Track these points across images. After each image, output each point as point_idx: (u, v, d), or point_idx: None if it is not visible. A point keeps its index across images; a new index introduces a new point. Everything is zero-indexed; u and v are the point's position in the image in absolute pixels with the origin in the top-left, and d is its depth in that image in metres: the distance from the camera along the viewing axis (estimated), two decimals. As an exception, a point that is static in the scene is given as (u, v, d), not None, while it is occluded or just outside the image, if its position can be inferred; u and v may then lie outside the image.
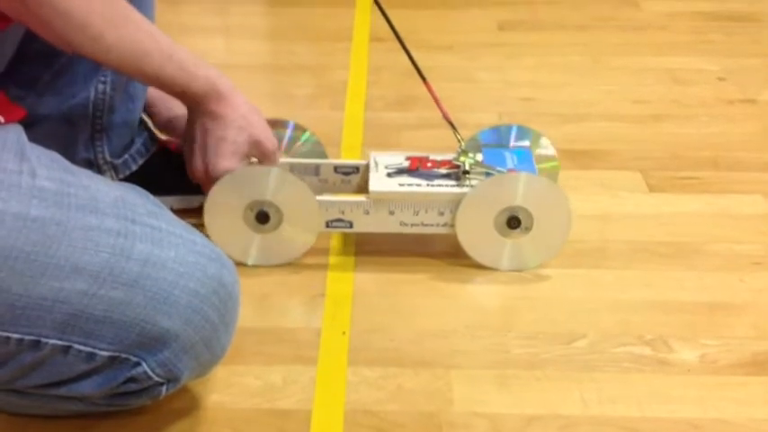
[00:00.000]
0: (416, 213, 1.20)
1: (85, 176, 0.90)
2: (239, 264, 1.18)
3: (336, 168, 1.28)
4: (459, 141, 1.23)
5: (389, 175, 1.22)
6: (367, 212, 1.20)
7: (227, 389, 1.02)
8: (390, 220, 1.20)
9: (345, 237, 1.30)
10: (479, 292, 1.21)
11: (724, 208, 1.40)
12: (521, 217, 1.19)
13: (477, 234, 1.21)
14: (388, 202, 1.20)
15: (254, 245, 1.21)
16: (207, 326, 0.87)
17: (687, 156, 1.56)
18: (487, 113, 1.70)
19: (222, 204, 1.18)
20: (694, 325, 1.13)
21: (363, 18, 2.19)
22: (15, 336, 0.83)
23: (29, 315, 0.82)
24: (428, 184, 1.20)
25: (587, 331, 1.12)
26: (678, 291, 1.20)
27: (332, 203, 1.20)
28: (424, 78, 1.22)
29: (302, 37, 2.15)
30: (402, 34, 1.21)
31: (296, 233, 1.21)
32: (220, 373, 1.02)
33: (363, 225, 1.21)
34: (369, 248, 1.28)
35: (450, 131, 1.23)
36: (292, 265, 1.24)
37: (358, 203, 1.20)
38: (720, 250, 1.29)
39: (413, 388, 1.03)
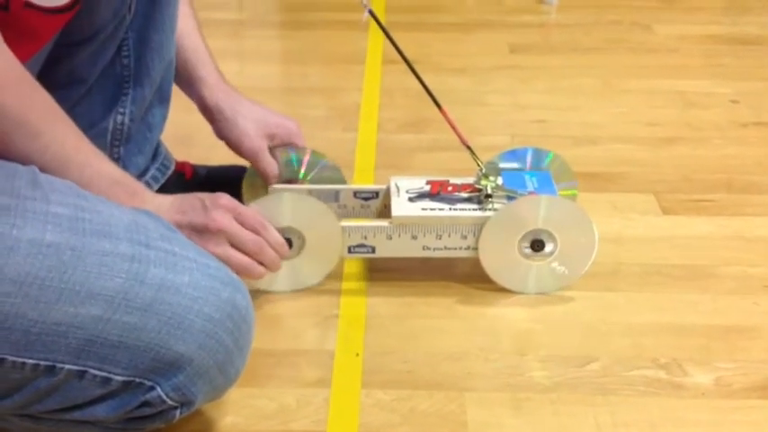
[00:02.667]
0: (439, 237, 1.20)
1: (99, 201, 0.91)
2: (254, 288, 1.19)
3: (356, 193, 1.28)
4: (478, 165, 1.23)
5: (411, 199, 1.22)
6: (390, 237, 1.20)
7: (240, 411, 1.02)
8: (413, 244, 1.20)
9: (359, 259, 1.31)
10: (493, 315, 1.21)
11: (737, 231, 1.40)
12: (544, 240, 1.20)
13: (500, 257, 1.21)
14: (410, 226, 1.20)
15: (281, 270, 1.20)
16: (221, 350, 0.88)
17: (700, 178, 1.56)
18: (499, 136, 1.70)
19: None
20: (708, 348, 1.13)
21: (376, 41, 2.20)
22: (31, 361, 0.83)
23: (44, 340, 0.82)
24: (450, 208, 1.20)
25: (601, 354, 1.12)
26: (692, 314, 1.20)
27: (355, 229, 1.20)
28: (439, 106, 1.22)
29: (315, 60, 2.16)
30: (414, 58, 1.21)
31: (318, 259, 1.21)
32: (234, 395, 1.02)
33: (386, 250, 1.21)
34: (382, 270, 1.28)
35: (463, 153, 1.24)
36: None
37: (381, 228, 1.20)
38: (734, 273, 1.29)
39: (426, 410, 1.03)
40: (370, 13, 1.19)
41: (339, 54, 2.18)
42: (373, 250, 1.21)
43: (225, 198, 1.07)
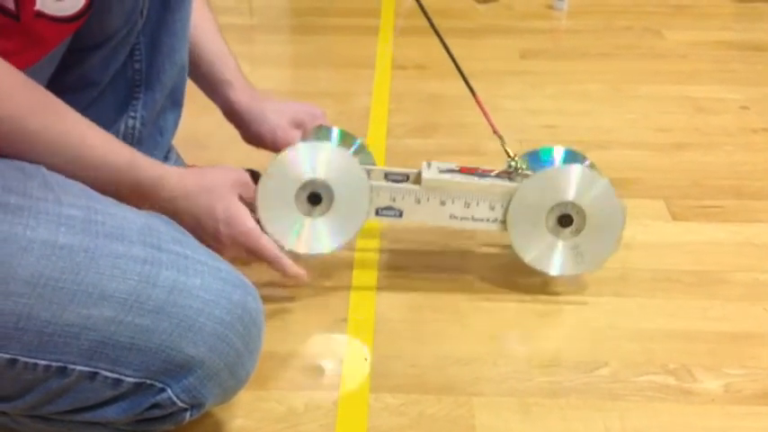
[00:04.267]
0: (467, 206, 1.19)
1: (111, 204, 0.91)
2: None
3: (387, 175, 1.26)
4: (508, 155, 1.22)
5: (442, 171, 1.21)
6: (418, 201, 1.19)
7: (250, 414, 1.03)
8: (441, 210, 1.19)
9: (368, 261, 1.31)
10: (502, 319, 1.21)
11: (748, 237, 1.39)
12: (573, 215, 1.18)
13: (527, 231, 1.19)
14: (440, 191, 1.18)
15: (305, 230, 1.18)
16: (231, 352, 0.88)
17: (710, 184, 1.56)
18: (510, 141, 1.69)
19: (275, 187, 1.16)
20: (718, 354, 1.13)
21: (386, 46, 2.20)
22: (43, 362, 0.83)
23: (56, 342, 0.83)
24: (480, 179, 1.20)
25: (610, 360, 1.12)
26: (701, 320, 1.20)
27: (383, 188, 1.19)
28: (472, 91, 1.21)
29: (325, 64, 2.17)
30: (424, 62, 1.22)
31: (346, 216, 1.19)
32: (244, 398, 1.03)
33: (413, 214, 1.19)
34: (391, 274, 1.29)
35: (473, 158, 1.24)
36: (315, 289, 1.25)
37: (410, 191, 1.19)
38: (744, 279, 1.29)
39: (435, 415, 1.03)
40: None
41: (349, 59, 2.18)
42: (401, 214, 1.20)
43: (243, 226, 1.08)
